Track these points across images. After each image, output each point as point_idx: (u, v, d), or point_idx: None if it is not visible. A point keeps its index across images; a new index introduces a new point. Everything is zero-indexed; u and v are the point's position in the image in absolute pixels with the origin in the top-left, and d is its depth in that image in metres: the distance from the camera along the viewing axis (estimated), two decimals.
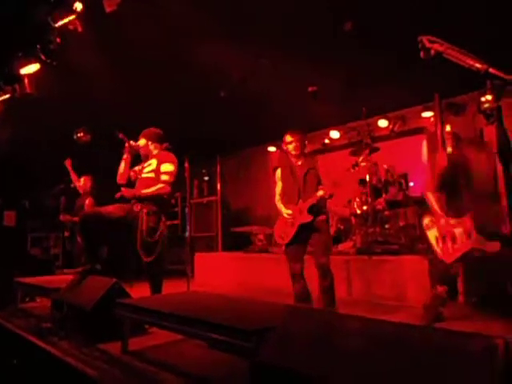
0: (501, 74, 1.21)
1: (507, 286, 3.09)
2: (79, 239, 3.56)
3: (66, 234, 5.76)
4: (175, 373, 1.92)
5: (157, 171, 3.48)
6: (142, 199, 3.40)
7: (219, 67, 4.33)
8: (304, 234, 3.15)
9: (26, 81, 3.96)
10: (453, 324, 2.93)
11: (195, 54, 4.09)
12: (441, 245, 2.95)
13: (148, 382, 1.88)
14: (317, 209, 3.16)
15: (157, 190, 3.41)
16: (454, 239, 2.89)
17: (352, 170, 3.24)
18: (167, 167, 3.48)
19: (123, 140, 3.54)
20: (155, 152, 3.61)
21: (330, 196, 3.12)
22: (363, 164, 3.23)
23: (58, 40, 3.33)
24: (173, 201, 7.97)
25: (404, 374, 1.00)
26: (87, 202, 5.56)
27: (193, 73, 4.44)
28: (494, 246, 2.73)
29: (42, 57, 3.46)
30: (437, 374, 0.95)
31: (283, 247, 3.32)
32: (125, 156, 3.59)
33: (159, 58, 4.19)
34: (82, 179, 5.71)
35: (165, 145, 3.65)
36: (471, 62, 1.31)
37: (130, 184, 3.59)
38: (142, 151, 3.63)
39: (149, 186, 3.43)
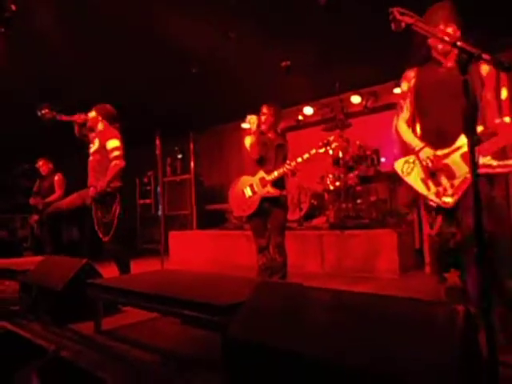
0: (468, 48, 1.21)
1: None
2: (45, 234, 3.53)
3: (35, 217, 5.54)
4: (149, 350, 1.93)
5: (102, 151, 3.42)
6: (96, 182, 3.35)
7: (189, 41, 4.18)
8: (265, 205, 3.19)
9: None
10: None
11: (165, 27, 3.92)
12: (433, 187, 2.09)
13: (123, 360, 1.88)
14: (280, 183, 3.19)
15: (113, 170, 3.34)
16: (449, 173, 2.04)
17: (323, 150, 3.16)
18: (113, 143, 3.41)
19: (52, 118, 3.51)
20: (100, 128, 3.53)
21: (294, 173, 3.12)
22: (335, 144, 3.14)
23: (13, 7, 3.10)
24: (145, 179, 7.82)
25: (371, 343, 1.03)
26: (56, 178, 5.37)
27: (163, 46, 4.27)
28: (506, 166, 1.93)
29: None
30: (403, 342, 0.99)
31: (244, 218, 3.39)
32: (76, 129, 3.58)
33: (127, 29, 3.99)
34: (42, 162, 5.50)
35: (116, 125, 3.56)
36: (440, 35, 1.31)
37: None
38: (90, 123, 3.57)
39: (99, 171, 3.37)
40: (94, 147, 3.48)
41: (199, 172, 7.61)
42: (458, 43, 1.25)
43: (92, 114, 3.55)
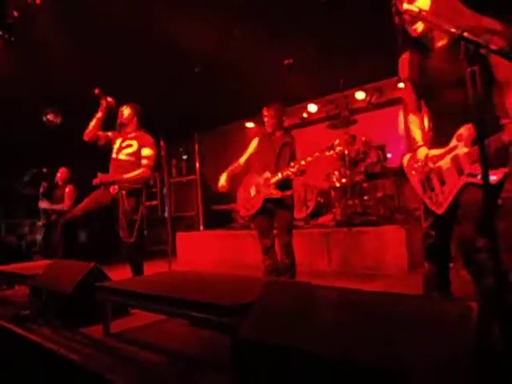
0: (474, 38, 1.19)
1: None
2: (59, 240, 3.54)
3: (43, 221, 5.58)
4: (158, 352, 1.93)
5: (137, 155, 3.45)
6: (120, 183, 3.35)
7: (192, 41, 4.18)
8: (269, 206, 3.18)
9: None
10: None
11: (167, 27, 3.93)
12: (428, 190, 1.96)
13: (132, 363, 1.88)
14: (285, 184, 3.16)
15: (138, 175, 3.39)
16: (441, 177, 1.89)
17: (327, 153, 3.10)
18: (148, 152, 3.45)
19: (99, 96, 3.43)
20: (132, 129, 3.53)
21: (301, 173, 3.09)
22: (339, 148, 3.07)
23: (15, 13, 3.12)
24: (151, 181, 7.85)
25: (381, 341, 1.01)
26: (67, 190, 5.42)
27: (166, 47, 4.27)
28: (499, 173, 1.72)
29: None
30: (413, 340, 0.97)
31: (249, 218, 3.39)
32: (99, 114, 3.49)
33: (129, 30, 4.00)
34: (61, 170, 5.56)
35: (142, 130, 3.59)
36: (445, 26, 1.29)
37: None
38: (123, 119, 3.54)
39: (129, 171, 3.38)
40: (130, 149, 3.47)
41: (205, 174, 7.62)
42: (465, 34, 1.23)
43: (128, 110, 3.55)
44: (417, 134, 2.06)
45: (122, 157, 3.46)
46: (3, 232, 6.73)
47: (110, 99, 3.47)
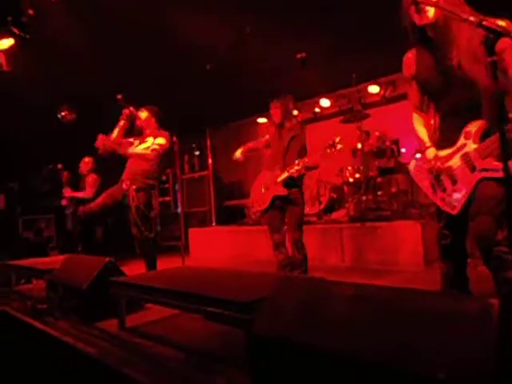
0: (495, 27, 1.15)
1: None
2: (78, 235, 3.59)
3: (70, 210, 5.59)
4: (173, 346, 1.94)
5: (151, 147, 3.48)
6: (132, 178, 3.37)
7: (204, 37, 4.17)
8: (278, 203, 3.17)
9: (1, 57, 3.78)
10: None
11: (179, 24, 3.92)
12: (439, 191, 1.93)
13: (147, 357, 1.89)
14: (292, 181, 3.13)
15: (142, 151, 3.37)
16: (452, 177, 1.86)
17: (328, 151, 3.07)
18: (161, 140, 3.48)
19: (122, 104, 3.44)
20: (151, 131, 3.55)
21: (308, 169, 3.07)
22: (339, 146, 3.04)
23: (31, 11, 3.15)
24: (164, 177, 7.90)
25: (400, 340, 1.00)
26: (90, 178, 5.47)
27: (178, 43, 4.27)
28: None
29: (15, 30, 3.29)
30: (433, 339, 0.95)
31: (261, 214, 3.38)
32: (121, 123, 3.51)
33: (141, 27, 4.01)
34: (86, 159, 5.60)
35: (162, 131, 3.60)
36: (465, 16, 1.25)
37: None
38: (142, 123, 3.56)
39: (143, 164, 3.41)
40: (145, 144, 3.50)
41: (217, 168, 7.63)
42: (484, 22, 1.19)
43: (144, 114, 3.56)
44: (423, 134, 2.04)
45: (137, 151, 3.50)
46: (20, 228, 6.86)
47: (132, 108, 3.48)
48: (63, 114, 5.47)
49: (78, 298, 2.56)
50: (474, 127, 1.79)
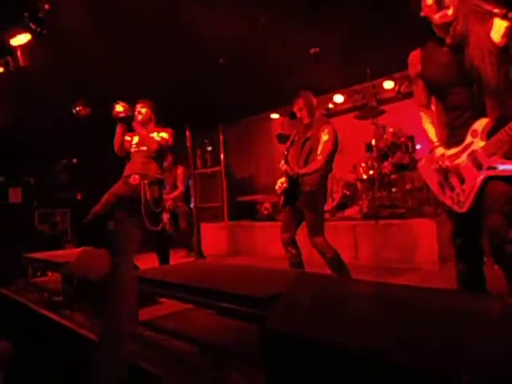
0: None
1: None
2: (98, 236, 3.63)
3: (166, 216, 5.54)
4: (186, 340, 1.95)
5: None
6: (142, 173, 3.41)
7: (217, 31, 4.15)
8: (292, 200, 3.11)
9: (18, 53, 3.82)
10: None
11: (192, 18, 3.92)
12: (447, 191, 1.94)
13: (162, 351, 1.91)
14: (303, 181, 3.02)
15: (151, 139, 3.48)
16: (460, 176, 1.86)
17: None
18: (164, 134, 3.57)
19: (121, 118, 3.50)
20: (152, 126, 3.62)
21: (298, 175, 3.00)
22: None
23: (47, 7, 3.18)
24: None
25: (418, 338, 0.98)
26: (179, 171, 5.58)
27: (191, 38, 4.27)
28: None
29: (32, 26, 3.32)
30: (453, 339, 0.93)
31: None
32: (122, 125, 3.56)
33: (156, 22, 4.02)
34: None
35: (161, 124, 3.67)
36: (489, 7, 1.21)
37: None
38: (142, 119, 3.60)
39: (150, 161, 3.46)
40: (152, 134, 3.58)
41: (230, 165, 7.63)
42: (510, 14, 1.15)
43: (144, 108, 3.63)
44: (431, 133, 2.05)
45: (143, 148, 3.53)
46: (36, 221, 6.98)
47: (127, 107, 3.52)
48: (78, 109, 5.52)
49: (93, 290, 2.59)
50: (480, 125, 1.78)
